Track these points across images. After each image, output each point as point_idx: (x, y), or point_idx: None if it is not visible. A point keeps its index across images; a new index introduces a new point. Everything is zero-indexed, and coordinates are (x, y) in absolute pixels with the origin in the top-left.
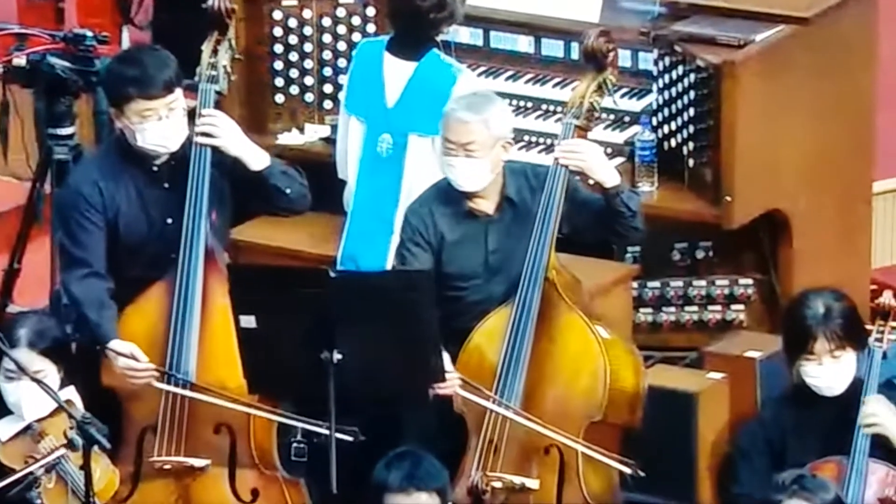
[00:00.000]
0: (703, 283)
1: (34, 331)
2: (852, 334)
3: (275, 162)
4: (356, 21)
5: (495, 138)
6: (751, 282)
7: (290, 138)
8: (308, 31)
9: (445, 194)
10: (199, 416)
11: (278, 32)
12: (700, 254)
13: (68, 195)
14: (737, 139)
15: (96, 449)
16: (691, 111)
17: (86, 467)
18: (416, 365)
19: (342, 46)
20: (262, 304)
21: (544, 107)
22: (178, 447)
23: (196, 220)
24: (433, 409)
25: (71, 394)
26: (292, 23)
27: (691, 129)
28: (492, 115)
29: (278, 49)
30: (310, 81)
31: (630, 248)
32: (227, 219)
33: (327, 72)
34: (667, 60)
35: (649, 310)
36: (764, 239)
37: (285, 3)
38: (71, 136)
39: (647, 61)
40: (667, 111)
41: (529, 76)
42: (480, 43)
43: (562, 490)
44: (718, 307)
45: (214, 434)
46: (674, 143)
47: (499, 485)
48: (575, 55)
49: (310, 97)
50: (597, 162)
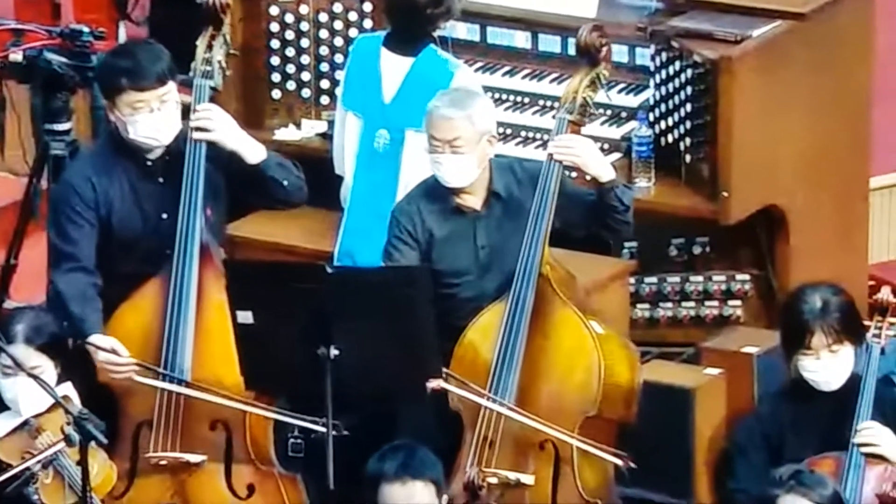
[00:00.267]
0: (700, 278)
1: (31, 326)
2: (850, 328)
3: (271, 154)
4: (353, 17)
5: (480, 133)
6: (748, 277)
7: (287, 134)
8: (305, 26)
9: (433, 191)
10: (194, 412)
11: (275, 28)
12: (697, 249)
13: (61, 190)
14: (734, 135)
15: (93, 444)
16: (688, 107)
17: (83, 463)
18: (412, 361)
19: (339, 42)
20: (258, 300)
21: (541, 102)
22: (173, 443)
23: (191, 216)
24: (429, 404)
25: (68, 390)
26: (289, 18)
27: (688, 124)
28: (476, 111)
29: (275, 45)
30: (306, 77)
31: (627, 244)
32: (222, 214)
33: (324, 67)
34: (664, 56)
35: (646, 305)
36: (761, 235)
37: None
38: (68, 132)
39: (643, 57)
40: (664, 107)
41: (526, 72)
42: (477, 38)
43: (557, 485)
44: (715, 303)
45: (210, 430)
46: (671, 138)
47: (494, 480)
48: (572, 51)
49: (306, 93)
50: (591, 157)
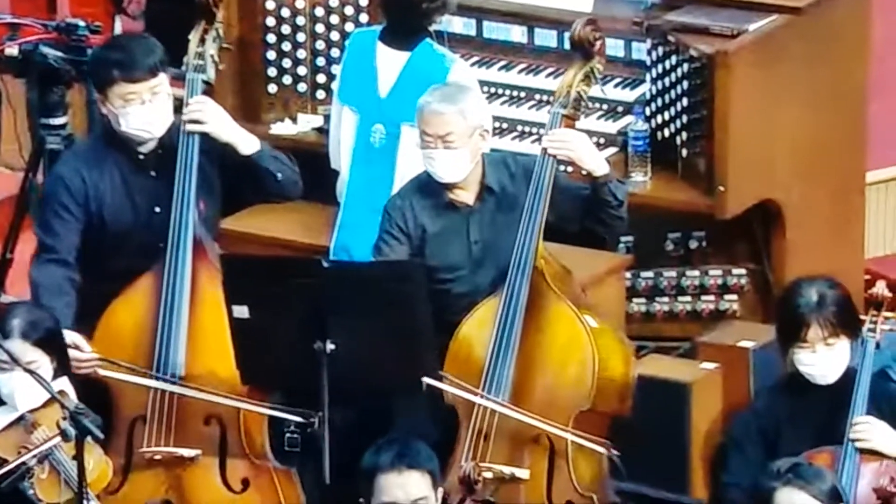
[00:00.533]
0: (697, 273)
1: (27, 321)
2: (846, 322)
3: (265, 146)
4: (349, 11)
5: (473, 128)
6: (744, 272)
7: (283, 128)
8: (301, 20)
9: (425, 186)
10: (188, 407)
11: (271, 22)
12: (693, 244)
13: (50, 182)
14: (730, 129)
15: (89, 440)
16: (684, 101)
17: (79, 458)
18: (408, 355)
19: (335, 36)
20: (255, 294)
21: (537, 97)
22: (167, 438)
23: (184, 209)
24: (425, 399)
25: (64, 384)
26: (285, 12)
27: (684, 118)
28: (468, 105)
29: (271, 39)
30: (303, 71)
31: (623, 239)
32: (216, 208)
33: (320, 62)
34: (660, 50)
35: (643, 300)
36: (757, 229)
37: None
38: (63, 126)
39: (640, 51)
40: (660, 101)
41: (522, 66)
42: (473, 33)
43: (552, 479)
44: (712, 297)
45: (205, 425)
46: (667, 133)
47: (489, 475)
48: (568, 45)
49: (303, 87)
50: (585, 151)
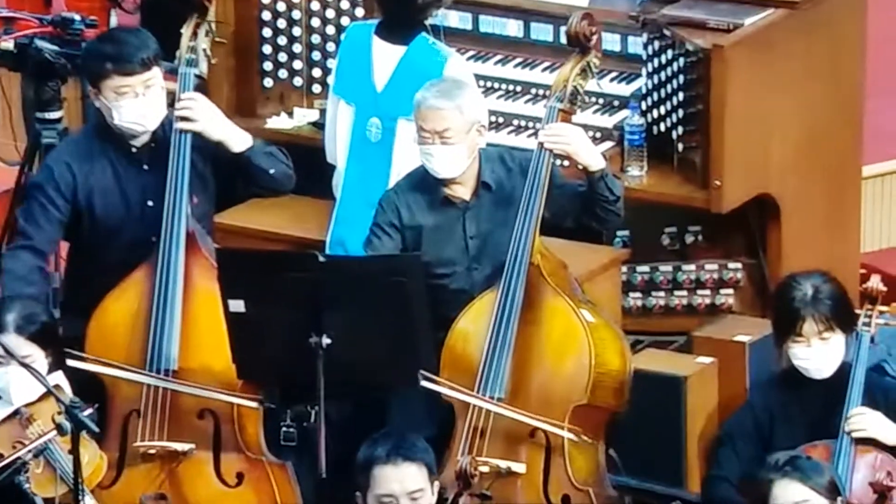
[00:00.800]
0: (693, 267)
1: (22, 315)
2: (841, 316)
3: (257, 143)
4: (345, 5)
5: (470, 123)
6: (740, 266)
7: (279, 122)
8: (297, 14)
9: (421, 182)
10: (182, 401)
11: (267, 16)
12: (689, 238)
13: (39, 174)
14: (726, 123)
15: (85, 435)
16: (680, 95)
17: (74, 452)
18: (404, 350)
19: (331, 30)
20: (251, 289)
21: (533, 91)
22: (161, 432)
23: (177, 203)
24: (421, 393)
25: (59, 379)
26: (281, 6)
27: (680, 113)
28: (465, 101)
29: (267, 33)
30: (298, 65)
31: (619, 233)
32: (209, 203)
33: (316, 56)
34: (656, 44)
35: (638, 294)
36: (753, 223)
37: None
38: (59, 121)
39: (636, 45)
40: (656, 95)
41: (518, 60)
42: (469, 27)
43: (548, 473)
44: (708, 291)
45: (199, 419)
46: (663, 127)
47: (486, 469)
48: (564, 39)
49: (298, 81)
50: (581, 145)
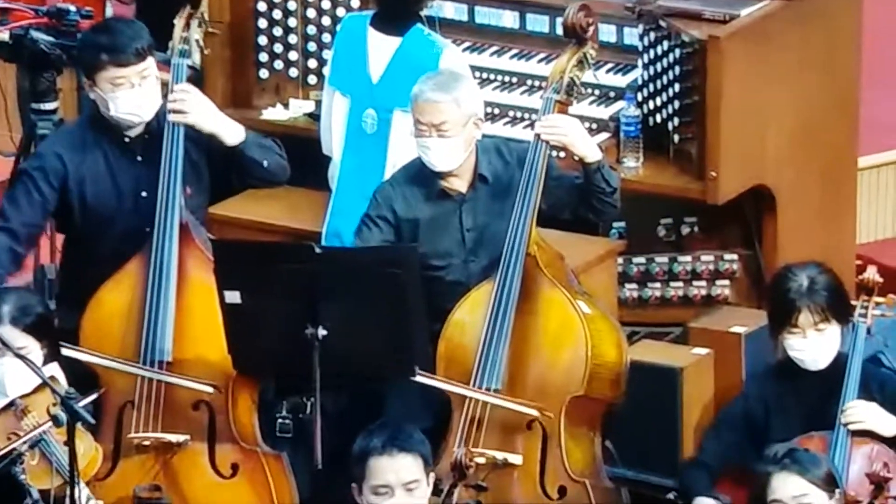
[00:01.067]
0: (689, 258)
1: (17, 307)
2: (836, 307)
3: (250, 135)
4: None
5: (467, 116)
6: (736, 257)
7: (275, 114)
8: (292, 5)
9: (417, 174)
10: (176, 392)
11: (262, 7)
12: (685, 229)
13: (29, 161)
14: (722, 114)
15: (80, 426)
16: (676, 86)
17: (70, 443)
18: (400, 341)
19: (326, 21)
20: (246, 280)
21: (529, 82)
22: (156, 423)
23: (170, 194)
24: (417, 385)
25: (54, 370)
26: None
27: (676, 104)
28: (462, 94)
29: (262, 24)
30: (294, 56)
31: (615, 224)
32: (203, 194)
33: (312, 47)
34: (652, 35)
35: (634, 285)
36: (749, 214)
37: None
38: (54, 112)
39: (632, 36)
40: (652, 86)
41: (514, 52)
42: (465, 18)
43: (545, 464)
44: (703, 282)
45: (193, 410)
46: (659, 118)
47: (482, 460)
48: (560, 31)
49: (294, 72)
50: (578, 137)
